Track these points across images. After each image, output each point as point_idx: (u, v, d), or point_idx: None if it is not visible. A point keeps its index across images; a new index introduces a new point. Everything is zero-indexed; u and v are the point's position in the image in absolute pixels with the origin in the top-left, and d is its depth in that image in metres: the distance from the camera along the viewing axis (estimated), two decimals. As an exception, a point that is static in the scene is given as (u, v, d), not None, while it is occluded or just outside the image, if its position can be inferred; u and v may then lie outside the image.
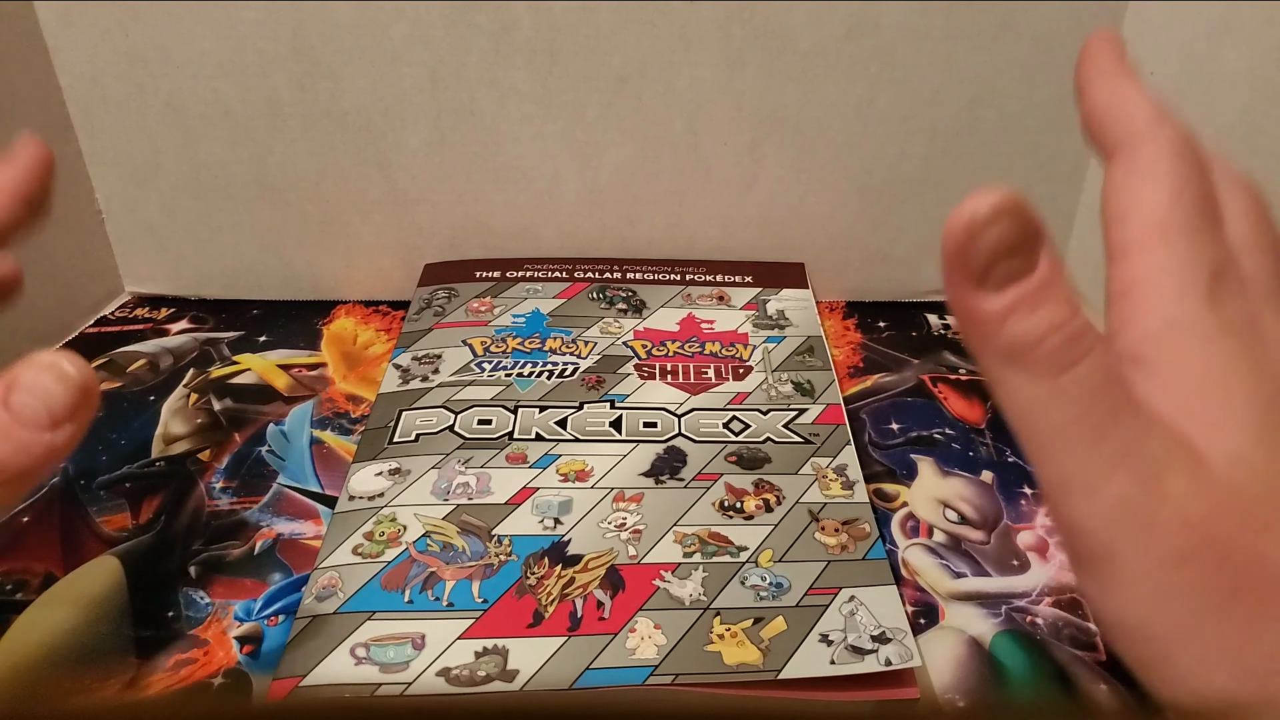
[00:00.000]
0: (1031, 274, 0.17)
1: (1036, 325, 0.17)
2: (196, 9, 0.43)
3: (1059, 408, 0.17)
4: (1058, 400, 0.17)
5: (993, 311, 0.18)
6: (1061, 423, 0.17)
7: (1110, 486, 0.17)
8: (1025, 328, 0.17)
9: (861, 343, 0.48)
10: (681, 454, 0.37)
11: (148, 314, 0.50)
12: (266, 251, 0.51)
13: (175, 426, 0.41)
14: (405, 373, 0.42)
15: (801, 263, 0.51)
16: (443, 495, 0.35)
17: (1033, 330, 0.17)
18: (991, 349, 0.18)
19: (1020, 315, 0.17)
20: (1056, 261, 0.18)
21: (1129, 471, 0.17)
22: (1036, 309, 0.17)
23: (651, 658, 0.28)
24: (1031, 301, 0.17)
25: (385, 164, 0.48)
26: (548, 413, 0.39)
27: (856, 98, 0.46)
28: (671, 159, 0.48)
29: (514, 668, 0.28)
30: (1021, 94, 0.47)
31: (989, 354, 0.18)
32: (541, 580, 0.31)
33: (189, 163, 0.48)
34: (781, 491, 0.35)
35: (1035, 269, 0.18)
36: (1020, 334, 0.17)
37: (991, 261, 0.17)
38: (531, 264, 0.50)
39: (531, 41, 0.45)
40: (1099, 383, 0.17)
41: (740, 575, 0.31)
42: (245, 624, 0.31)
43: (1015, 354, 0.18)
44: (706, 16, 0.44)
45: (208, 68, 0.45)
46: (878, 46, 0.45)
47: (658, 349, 0.44)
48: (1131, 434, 0.17)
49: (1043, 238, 0.18)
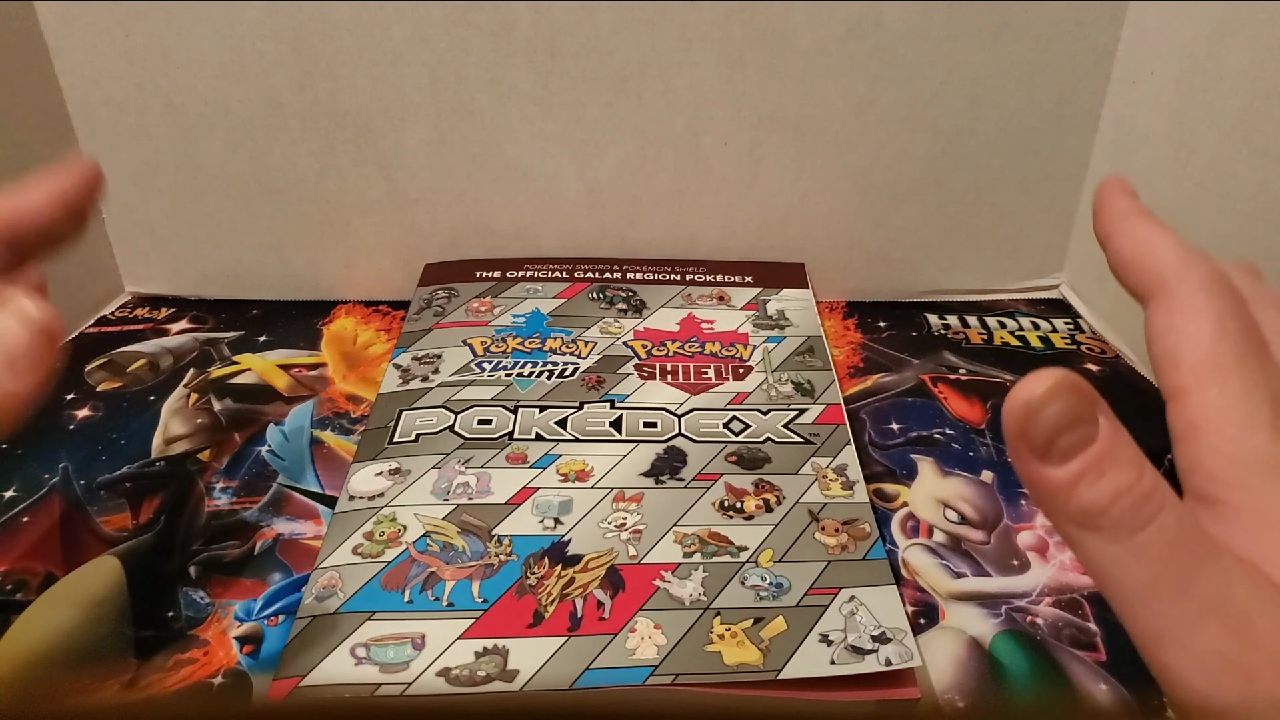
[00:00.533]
0: (1093, 443, 0.18)
1: (1104, 491, 0.18)
2: (196, 9, 0.43)
3: (1138, 566, 0.18)
4: (1136, 559, 0.18)
5: (1060, 481, 0.18)
6: (1143, 581, 0.18)
7: (1202, 640, 0.17)
8: (1094, 495, 0.18)
9: (861, 343, 0.48)
10: (681, 454, 0.37)
11: (148, 314, 0.50)
12: (266, 251, 0.51)
13: (175, 426, 0.41)
14: (405, 373, 0.42)
15: (801, 263, 0.51)
16: (443, 495, 0.35)
17: (1101, 496, 0.18)
18: (1063, 516, 0.19)
19: (1087, 483, 0.18)
20: (1116, 427, 0.19)
21: (1219, 623, 0.17)
22: (1102, 475, 0.18)
23: (651, 658, 0.28)
24: (1097, 469, 0.18)
25: (385, 164, 0.48)
26: (548, 413, 0.39)
27: (856, 98, 0.46)
28: (671, 159, 0.48)
29: (514, 668, 0.28)
30: (1021, 94, 0.47)
31: (1061, 520, 0.19)
32: (542, 580, 0.31)
33: (189, 163, 0.48)
34: (781, 491, 0.35)
35: (1096, 438, 0.18)
36: (1090, 501, 0.18)
37: (1053, 438, 0.18)
38: (531, 264, 0.50)
39: (531, 41, 0.45)
40: (1175, 537, 0.17)
41: (740, 575, 0.31)
42: (245, 624, 0.31)
43: (1087, 519, 0.18)
44: (706, 16, 0.44)
45: (208, 68, 0.45)
46: (878, 46, 0.45)
47: (658, 349, 0.44)
48: (1215, 584, 0.17)
49: (1099, 407, 0.18)
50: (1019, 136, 0.48)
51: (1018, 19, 0.45)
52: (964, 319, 0.50)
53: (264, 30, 0.44)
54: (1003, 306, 0.52)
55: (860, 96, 0.46)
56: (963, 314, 0.51)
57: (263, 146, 0.47)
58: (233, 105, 0.46)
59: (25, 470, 0.38)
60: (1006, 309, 0.52)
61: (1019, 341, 0.48)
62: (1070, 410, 0.18)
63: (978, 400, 0.43)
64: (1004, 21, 0.45)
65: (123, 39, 0.44)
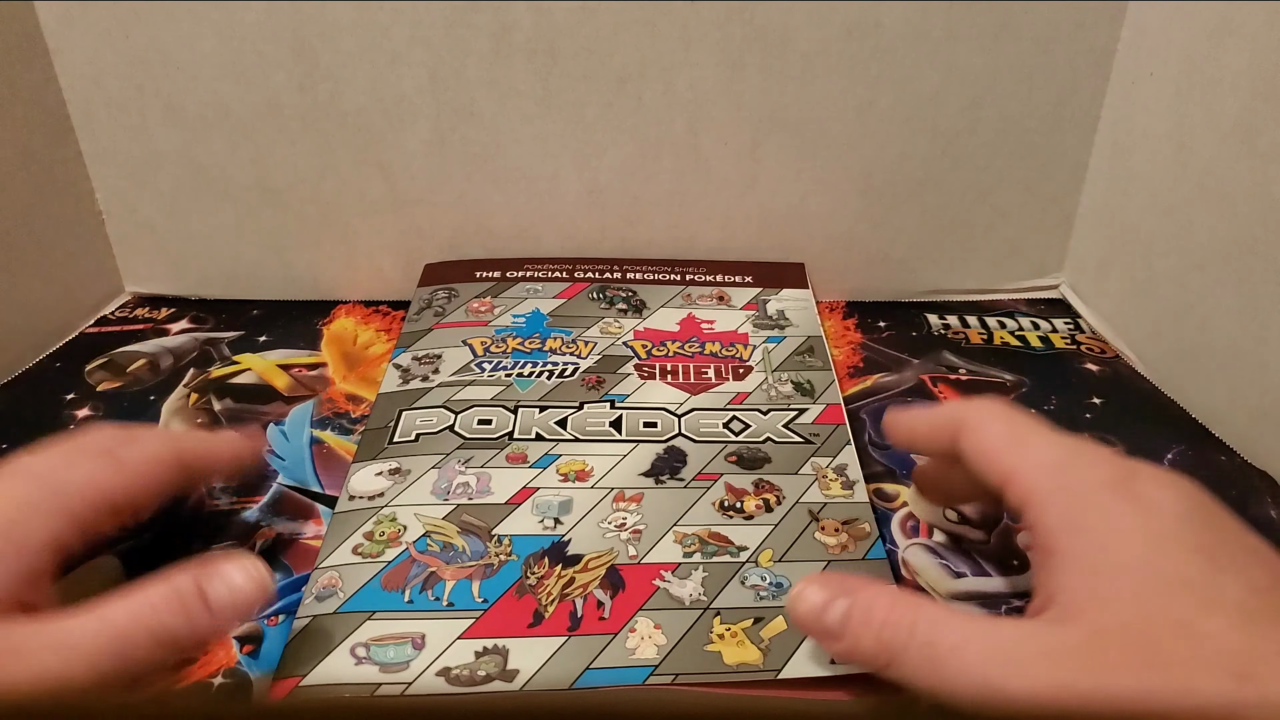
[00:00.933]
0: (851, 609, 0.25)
1: (872, 632, 0.24)
2: (196, 9, 0.44)
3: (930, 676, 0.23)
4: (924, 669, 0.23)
5: (848, 648, 0.25)
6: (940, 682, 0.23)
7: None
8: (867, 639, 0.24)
9: (861, 343, 0.48)
10: (681, 454, 0.37)
11: (148, 314, 0.50)
12: (266, 251, 0.51)
13: (175, 426, 0.41)
14: (405, 373, 0.42)
15: (801, 263, 0.51)
16: (443, 495, 0.35)
17: (871, 644, 0.24)
18: (872, 669, 0.25)
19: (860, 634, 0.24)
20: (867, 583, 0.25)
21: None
22: (866, 621, 0.24)
23: (651, 658, 0.28)
24: (861, 620, 0.24)
25: (385, 164, 0.48)
26: (548, 413, 0.39)
27: (856, 98, 0.46)
28: (671, 159, 0.48)
29: (514, 667, 0.28)
30: (1021, 94, 0.47)
31: (875, 672, 0.24)
32: (541, 580, 0.31)
33: (189, 163, 0.48)
34: (781, 491, 0.35)
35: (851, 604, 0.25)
36: (867, 646, 0.24)
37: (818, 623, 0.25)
38: (531, 264, 0.50)
39: (531, 41, 0.45)
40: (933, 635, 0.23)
41: (740, 575, 0.31)
42: (245, 624, 0.31)
43: (874, 662, 0.24)
44: (706, 16, 0.44)
45: (208, 68, 0.45)
46: (878, 46, 0.45)
47: (658, 349, 0.44)
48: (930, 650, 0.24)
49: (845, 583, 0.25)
50: (1019, 137, 0.48)
51: (1018, 20, 0.45)
52: (964, 319, 0.50)
53: (264, 31, 0.44)
54: (1003, 306, 0.52)
55: (860, 97, 0.46)
56: (963, 314, 0.51)
57: (263, 147, 0.47)
58: (233, 106, 0.46)
59: (25, 470, 0.38)
60: (1006, 309, 0.52)
61: (1019, 341, 0.48)
62: (820, 595, 0.25)
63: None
64: (1004, 22, 0.45)
65: (123, 39, 0.44)
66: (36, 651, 0.22)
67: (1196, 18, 0.41)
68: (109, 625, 0.23)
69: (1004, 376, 0.45)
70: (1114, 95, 0.47)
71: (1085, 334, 0.49)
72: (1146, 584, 0.22)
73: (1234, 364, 0.39)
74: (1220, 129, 0.39)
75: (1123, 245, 0.47)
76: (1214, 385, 0.41)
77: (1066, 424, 0.40)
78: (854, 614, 0.24)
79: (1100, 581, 0.22)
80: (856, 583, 0.25)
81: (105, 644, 0.23)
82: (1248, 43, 0.38)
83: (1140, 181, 0.45)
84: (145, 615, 0.24)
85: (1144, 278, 0.45)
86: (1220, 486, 0.36)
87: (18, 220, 0.44)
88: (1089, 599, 0.22)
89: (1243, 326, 0.39)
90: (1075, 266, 0.52)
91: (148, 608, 0.24)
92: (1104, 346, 0.48)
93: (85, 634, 0.23)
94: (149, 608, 0.24)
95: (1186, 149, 0.42)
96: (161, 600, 0.24)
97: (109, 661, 0.23)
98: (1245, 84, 0.38)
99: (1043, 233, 0.51)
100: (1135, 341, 0.47)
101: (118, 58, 0.45)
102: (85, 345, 0.47)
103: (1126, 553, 0.22)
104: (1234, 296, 0.39)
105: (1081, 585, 0.22)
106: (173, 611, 0.24)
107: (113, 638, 0.23)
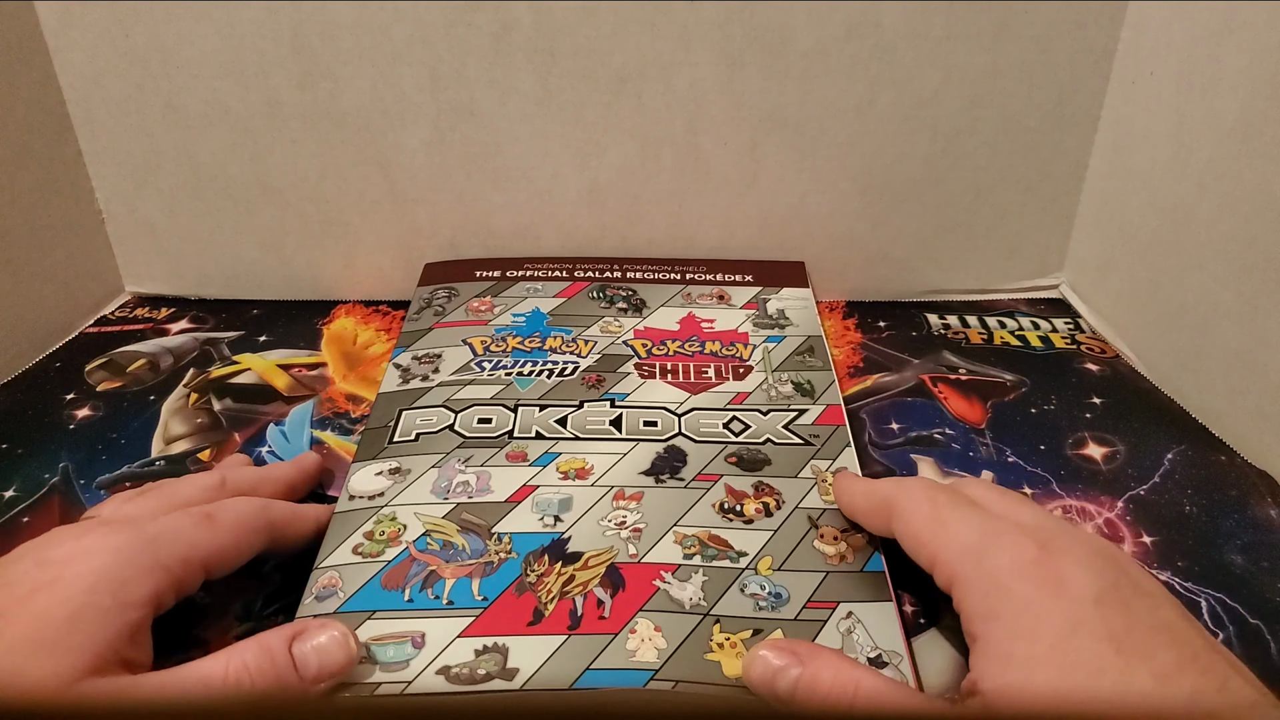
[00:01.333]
0: (799, 680, 0.26)
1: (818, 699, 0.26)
2: (196, 9, 0.44)
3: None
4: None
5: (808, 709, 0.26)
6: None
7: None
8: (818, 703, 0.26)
9: (861, 343, 0.48)
10: (682, 453, 0.37)
11: (148, 314, 0.50)
12: (266, 251, 0.51)
13: (175, 426, 0.41)
14: (405, 372, 0.42)
15: (801, 262, 0.51)
16: (443, 494, 0.35)
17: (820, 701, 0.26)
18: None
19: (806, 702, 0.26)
20: (815, 653, 0.27)
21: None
22: (813, 689, 0.26)
23: (652, 661, 0.28)
24: (808, 689, 0.26)
25: (385, 164, 0.48)
26: (548, 411, 0.39)
27: (856, 98, 0.46)
28: (671, 159, 0.48)
29: (514, 666, 0.28)
30: (1021, 94, 0.47)
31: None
32: (542, 578, 0.31)
33: (189, 163, 0.48)
34: (781, 496, 0.35)
35: (800, 674, 0.26)
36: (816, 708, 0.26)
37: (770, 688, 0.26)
38: (531, 263, 0.50)
39: (531, 41, 0.45)
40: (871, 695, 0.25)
41: (740, 582, 0.31)
42: (245, 624, 0.31)
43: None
44: (706, 16, 0.44)
45: (208, 68, 0.45)
46: (878, 46, 0.45)
47: (658, 348, 0.44)
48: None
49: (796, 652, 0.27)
50: (1019, 136, 0.48)
51: (1017, 19, 0.45)
52: (964, 319, 0.50)
53: (264, 30, 0.44)
54: (1003, 306, 0.52)
55: (860, 96, 0.46)
56: (963, 314, 0.51)
57: (263, 146, 0.47)
58: (233, 105, 0.46)
59: (25, 470, 0.38)
60: (1006, 309, 0.52)
61: (1019, 341, 0.48)
62: (770, 667, 0.26)
63: (977, 400, 0.43)
64: (1004, 22, 0.45)
65: (123, 39, 0.44)
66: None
67: (1196, 17, 0.41)
68: (204, 685, 0.24)
69: (1004, 376, 0.45)
70: (1114, 95, 0.47)
71: (1085, 334, 0.49)
72: (1059, 674, 0.22)
73: (1234, 364, 0.39)
74: (1220, 128, 0.39)
75: (1123, 245, 0.47)
76: (1214, 385, 0.41)
77: (1066, 424, 0.41)
78: (801, 683, 0.26)
79: (1014, 670, 0.23)
80: (807, 652, 0.27)
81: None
82: (1248, 42, 0.38)
83: (1140, 181, 0.45)
84: (240, 676, 0.25)
85: (1144, 278, 0.45)
86: (1220, 486, 0.37)
87: (18, 220, 0.44)
88: (1005, 688, 0.23)
89: (1243, 326, 0.39)
90: (1075, 266, 0.52)
91: (242, 669, 0.25)
92: (1104, 346, 0.48)
93: (185, 693, 0.24)
94: (243, 668, 0.25)
95: (1186, 148, 0.42)
96: (254, 661, 0.25)
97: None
98: (1245, 83, 0.38)
99: (1043, 233, 0.51)
100: (1135, 341, 0.47)
101: (118, 57, 0.45)
102: (85, 345, 0.47)
103: (1039, 642, 0.23)
104: (1234, 296, 0.39)
105: (999, 674, 0.23)
106: (264, 673, 0.25)
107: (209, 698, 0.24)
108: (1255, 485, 0.37)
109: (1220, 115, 0.39)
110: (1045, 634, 0.23)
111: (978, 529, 0.27)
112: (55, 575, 0.25)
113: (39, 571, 0.25)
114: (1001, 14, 0.44)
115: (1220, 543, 0.34)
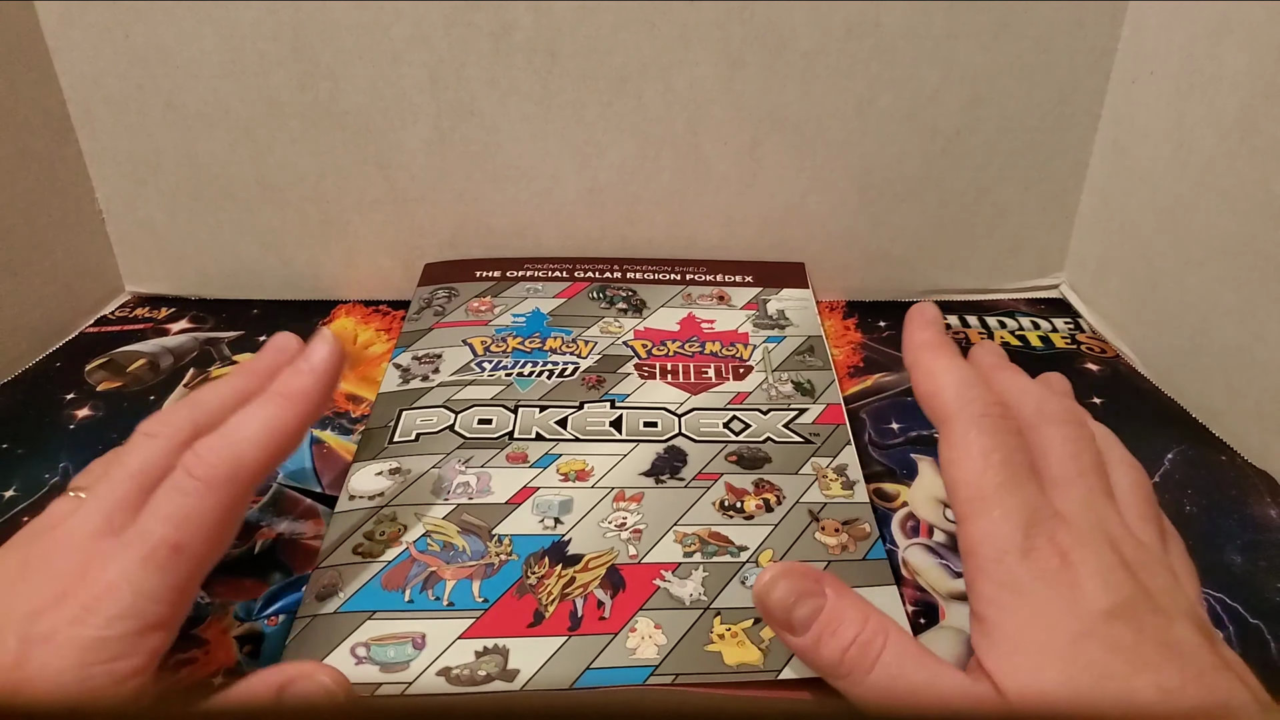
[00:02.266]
0: (822, 612, 0.25)
1: (836, 647, 0.24)
2: (196, 9, 0.43)
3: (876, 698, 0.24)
4: (874, 694, 0.24)
5: (806, 646, 0.25)
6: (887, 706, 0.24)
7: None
8: (830, 652, 0.24)
9: (861, 342, 0.48)
10: (682, 454, 0.37)
11: (148, 314, 0.50)
12: (266, 251, 0.51)
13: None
14: (405, 372, 0.42)
15: (801, 262, 0.51)
16: (443, 495, 0.35)
17: (834, 652, 0.24)
18: (818, 671, 0.25)
19: (824, 643, 0.25)
20: (841, 590, 0.25)
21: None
22: (836, 631, 0.24)
23: (652, 657, 0.28)
24: (831, 630, 0.24)
25: (385, 164, 0.48)
26: (548, 412, 0.39)
27: (856, 98, 0.46)
28: (671, 159, 0.48)
29: (514, 667, 0.28)
30: (1021, 94, 0.47)
31: (820, 674, 0.25)
32: (542, 580, 0.31)
33: (189, 163, 0.48)
34: (781, 491, 0.35)
35: (824, 607, 0.25)
36: (828, 658, 0.24)
37: (787, 614, 0.25)
38: (532, 264, 0.50)
39: (531, 41, 0.45)
40: (896, 670, 0.24)
41: (740, 575, 0.31)
42: (245, 624, 0.31)
43: (833, 671, 0.24)
44: (706, 16, 0.44)
45: (208, 68, 0.45)
46: (878, 46, 0.45)
47: (658, 349, 0.44)
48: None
49: (824, 579, 0.25)
50: (1019, 136, 0.48)
51: (1017, 19, 0.45)
52: (964, 319, 0.50)
53: (264, 30, 0.44)
54: (1003, 306, 0.52)
55: (860, 96, 0.46)
56: (963, 314, 0.51)
57: (263, 146, 0.47)
58: (233, 105, 0.46)
59: (25, 470, 0.38)
60: (1006, 309, 0.52)
61: (1019, 341, 0.48)
62: (794, 589, 0.25)
63: (978, 400, 0.43)
64: (1004, 21, 0.45)
65: (123, 39, 0.44)
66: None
67: (1196, 17, 0.41)
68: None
69: (1004, 376, 0.45)
70: (1114, 94, 0.47)
71: (1085, 333, 0.49)
72: (1070, 671, 0.23)
73: (1234, 364, 0.39)
74: (1220, 127, 0.39)
75: (1123, 245, 0.47)
76: (1214, 385, 0.41)
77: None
78: (823, 620, 0.25)
79: (1023, 656, 0.23)
80: (826, 584, 0.25)
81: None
82: (1248, 42, 0.38)
83: (1140, 180, 0.45)
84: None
85: (1144, 277, 0.45)
86: (1220, 486, 0.37)
87: (18, 220, 0.44)
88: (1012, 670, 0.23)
89: (1242, 326, 0.39)
90: (1075, 266, 0.52)
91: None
92: (1104, 346, 0.48)
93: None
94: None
95: (1186, 148, 0.42)
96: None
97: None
98: (1245, 83, 0.38)
99: (1043, 232, 0.51)
100: (1135, 341, 0.47)
101: (118, 57, 0.45)
102: (85, 345, 0.47)
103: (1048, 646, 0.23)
104: (1234, 296, 0.39)
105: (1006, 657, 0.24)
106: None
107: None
108: (1255, 485, 0.37)
109: (1220, 114, 0.39)
110: (1056, 637, 0.23)
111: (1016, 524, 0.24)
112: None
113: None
114: (1001, 13, 0.44)
115: (1220, 542, 0.34)
